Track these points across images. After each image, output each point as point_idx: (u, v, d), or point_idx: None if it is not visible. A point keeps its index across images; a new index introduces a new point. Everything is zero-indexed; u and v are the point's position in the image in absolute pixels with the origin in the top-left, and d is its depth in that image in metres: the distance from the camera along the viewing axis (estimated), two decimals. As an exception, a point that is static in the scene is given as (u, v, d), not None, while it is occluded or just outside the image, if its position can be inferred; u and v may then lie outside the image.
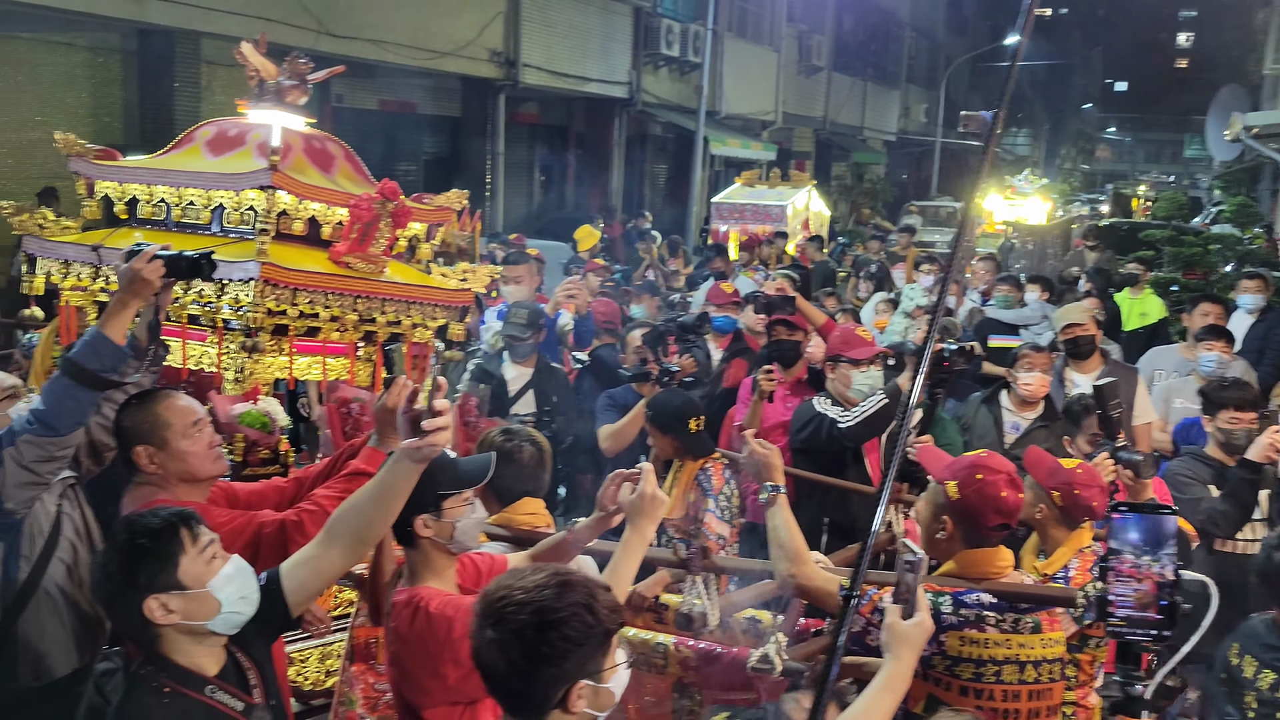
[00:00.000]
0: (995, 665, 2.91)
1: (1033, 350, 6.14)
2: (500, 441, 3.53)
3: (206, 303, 4.04)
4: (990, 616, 2.94)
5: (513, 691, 2.16)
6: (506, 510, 3.53)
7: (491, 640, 2.14)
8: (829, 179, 32.79)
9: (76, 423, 3.27)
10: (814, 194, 18.39)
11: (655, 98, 24.25)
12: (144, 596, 2.45)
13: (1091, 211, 28.64)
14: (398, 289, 4.46)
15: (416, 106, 20.31)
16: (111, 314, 3.30)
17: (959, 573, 3.07)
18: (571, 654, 2.12)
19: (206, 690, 2.50)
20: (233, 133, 4.52)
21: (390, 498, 2.64)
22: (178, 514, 2.58)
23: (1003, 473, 3.06)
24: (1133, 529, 2.10)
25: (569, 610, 2.14)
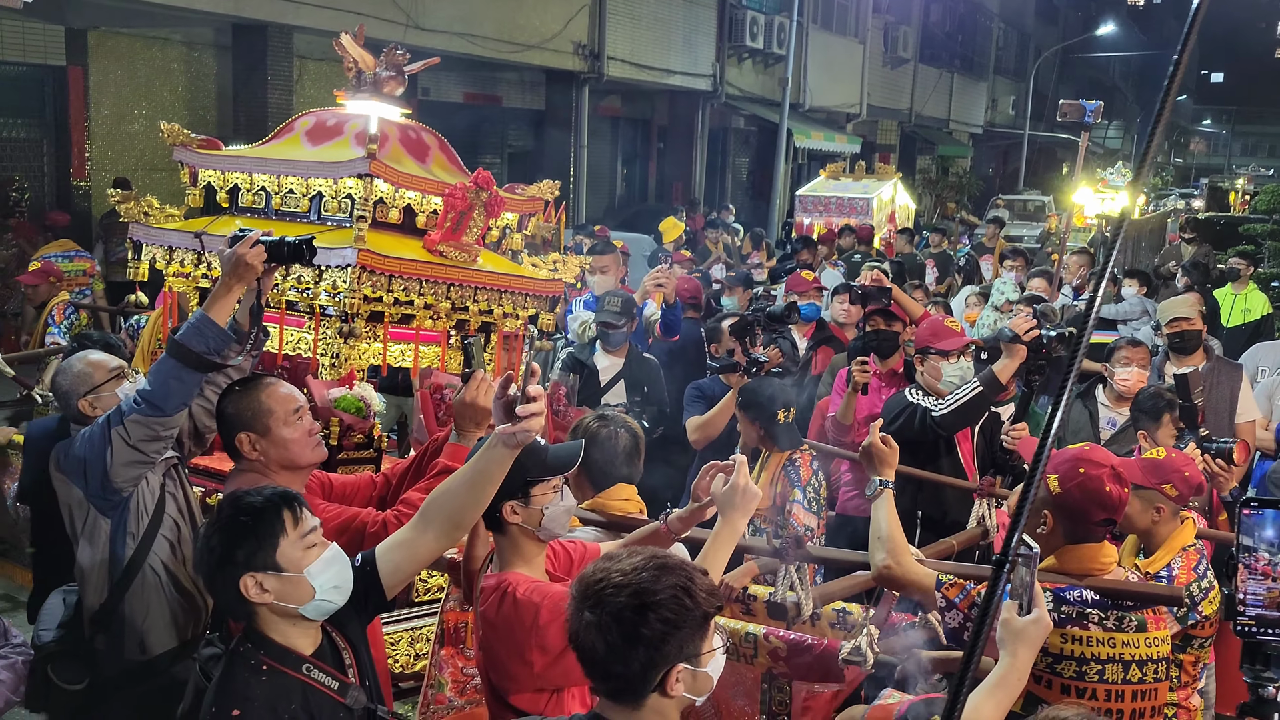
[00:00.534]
0: (1098, 664, 2.86)
1: (1129, 345, 5.99)
2: (595, 428, 3.53)
3: (304, 289, 4.11)
4: (1093, 614, 2.88)
5: (611, 674, 2.15)
6: (600, 496, 3.53)
7: (590, 623, 2.14)
8: (914, 172, 32.39)
9: (181, 403, 3.34)
10: (900, 187, 18.20)
11: (739, 90, 24.15)
12: (241, 573, 2.49)
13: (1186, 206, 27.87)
14: (490, 278, 4.50)
15: (501, 99, 20.49)
16: (216, 298, 3.36)
17: (1060, 568, 3.01)
18: (670, 636, 2.11)
19: (304, 669, 2.53)
20: (331, 123, 4.59)
21: (483, 482, 2.65)
22: (282, 495, 2.61)
23: (1106, 466, 3.00)
24: (1267, 525, 2.03)
25: (667, 592, 2.13)
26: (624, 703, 2.17)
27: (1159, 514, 3.75)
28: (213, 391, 3.63)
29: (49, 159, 13.51)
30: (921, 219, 24.87)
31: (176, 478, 3.62)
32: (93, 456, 3.34)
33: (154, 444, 3.35)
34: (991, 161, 41.71)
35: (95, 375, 3.74)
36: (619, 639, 2.10)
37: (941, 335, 5.30)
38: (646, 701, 2.15)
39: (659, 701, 2.16)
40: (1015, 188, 35.16)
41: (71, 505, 3.47)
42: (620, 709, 2.18)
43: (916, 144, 34.86)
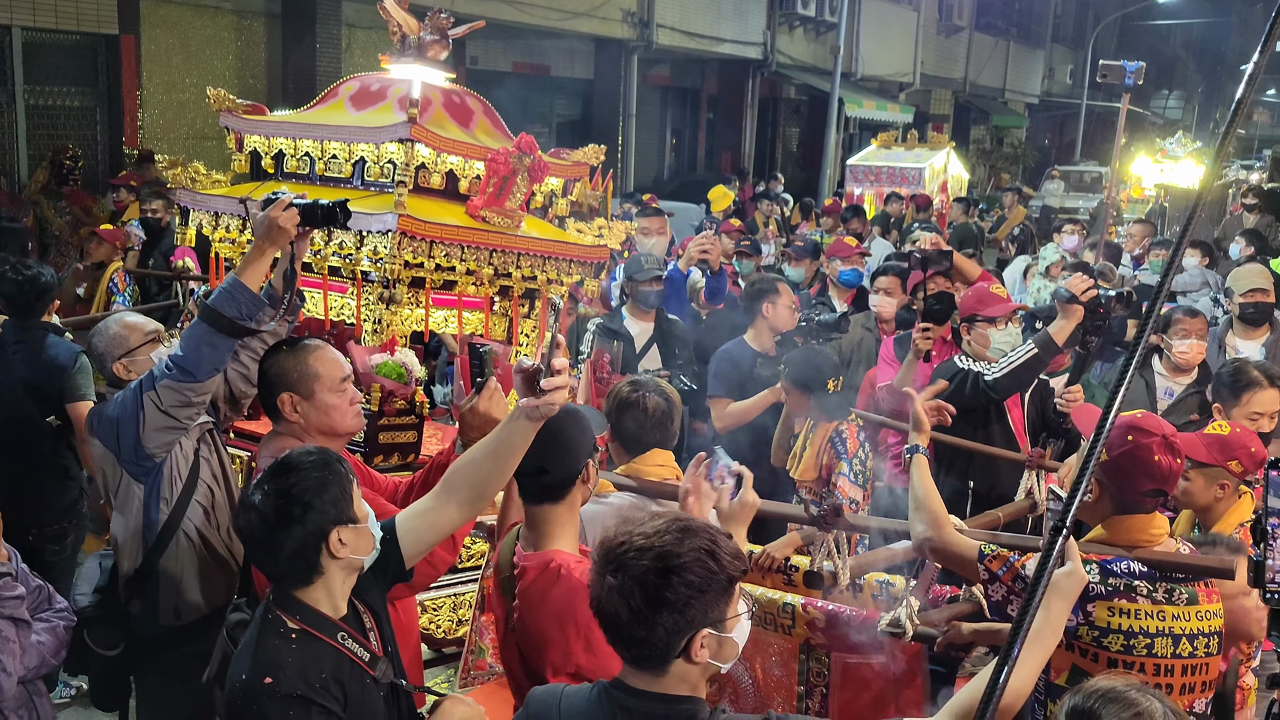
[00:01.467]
0: (1146, 638, 2.78)
1: (1187, 315, 5.86)
2: (627, 393, 3.50)
3: (346, 255, 4.10)
4: (1141, 586, 2.80)
5: (635, 640, 2.10)
6: (635, 461, 3.49)
7: (612, 587, 2.09)
8: (967, 142, 31.92)
9: (214, 369, 3.31)
10: (952, 157, 17.94)
11: (790, 59, 23.88)
12: (330, 527, 2.46)
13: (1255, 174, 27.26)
14: (533, 244, 4.46)
15: (550, 68, 20.40)
16: (249, 262, 3.33)
17: (1108, 539, 2.93)
18: (694, 600, 2.06)
19: (338, 636, 2.51)
20: (375, 88, 4.57)
21: (507, 453, 2.60)
22: (334, 453, 2.60)
23: (1158, 435, 2.90)
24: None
25: (691, 555, 2.08)
26: (648, 669, 2.14)
27: (1222, 490, 3.66)
28: (249, 357, 3.62)
29: (102, 127, 13.60)
30: (975, 190, 24.51)
31: (211, 443, 3.60)
32: (125, 421, 3.32)
33: (186, 410, 3.33)
34: (1048, 132, 41.00)
35: (130, 338, 3.73)
36: (641, 603, 2.06)
37: (988, 302, 5.19)
38: (671, 668, 2.11)
39: (684, 668, 2.11)
40: (1072, 158, 34.53)
41: (105, 469, 3.47)
42: (644, 676, 2.14)
43: (971, 114, 34.33)
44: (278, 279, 3.50)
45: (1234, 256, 10.38)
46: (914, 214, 14.45)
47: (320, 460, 2.54)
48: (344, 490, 2.51)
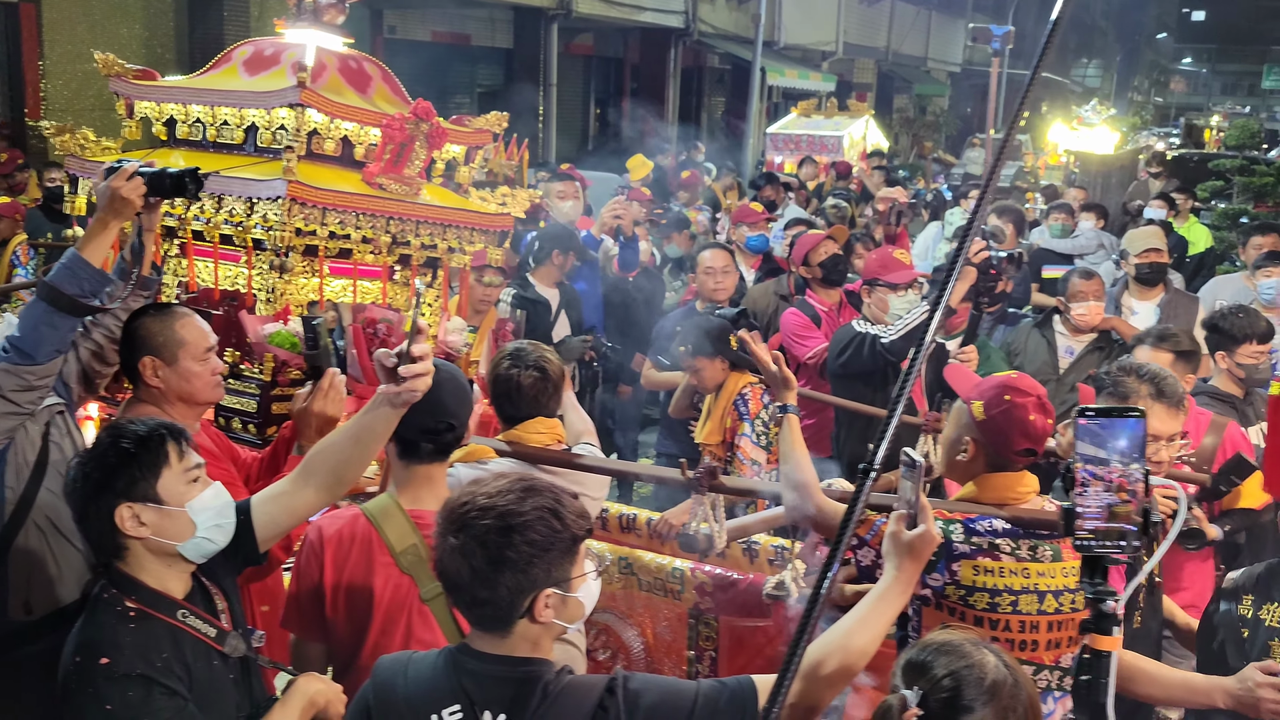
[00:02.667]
0: (1011, 595, 2.80)
1: (1083, 278, 6.02)
2: (505, 368, 3.53)
3: (237, 223, 4.02)
4: (1004, 544, 2.82)
5: (478, 601, 2.10)
6: (516, 428, 3.51)
7: (454, 547, 2.08)
8: (890, 111, 32.18)
9: (55, 350, 3.12)
10: (871, 124, 18.10)
11: (712, 28, 23.87)
12: (118, 503, 2.39)
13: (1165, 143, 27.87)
14: (433, 211, 4.40)
15: (470, 38, 20.20)
16: (90, 235, 3.16)
17: (976, 497, 2.96)
18: (537, 560, 2.06)
19: (179, 615, 2.44)
20: (269, 52, 4.46)
21: (369, 439, 2.57)
22: (168, 426, 2.51)
23: (1033, 395, 2.94)
24: (1100, 435, 1.98)
25: (534, 514, 2.08)
26: (492, 630, 2.13)
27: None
28: (102, 335, 3.43)
29: (2, 99, 13.25)
30: (898, 159, 24.74)
31: (63, 426, 3.37)
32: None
33: (27, 394, 3.11)
34: (970, 100, 41.47)
35: None
36: (484, 563, 2.06)
37: (890, 267, 5.25)
38: (515, 628, 2.11)
39: (528, 628, 2.11)
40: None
41: None
42: (489, 638, 2.14)
43: (894, 83, 34.62)
44: (127, 253, 3.32)
45: (1149, 216, 10.63)
46: (833, 181, 14.56)
47: (135, 434, 2.46)
48: (148, 468, 2.43)
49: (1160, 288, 6.50)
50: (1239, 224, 11.72)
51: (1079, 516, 2.00)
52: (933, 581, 2.82)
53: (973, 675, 1.98)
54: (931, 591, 2.85)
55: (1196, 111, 43.58)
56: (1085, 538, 2.00)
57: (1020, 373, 3.22)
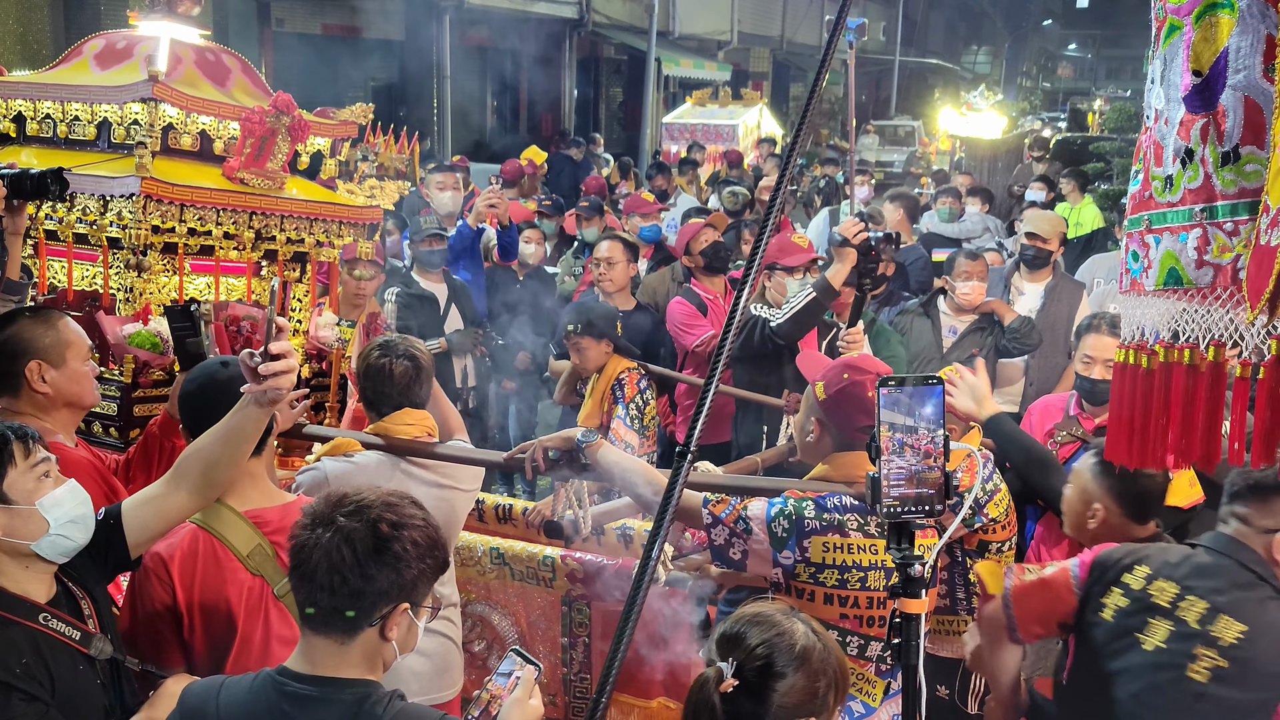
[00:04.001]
0: (860, 571, 2.82)
1: (968, 258, 6.14)
2: (375, 357, 3.51)
3: (91, 221, 3.92)
4: (851, 520, 2.85)
5: (338, 593, 2.04)
6: (384, 420, 3.48)
7: (340, 528, 2.05)
8: (787, 99, 32.52)
9: None
10: (765, 113, 18.28)
11: (606, 18, 23.85)
12: None
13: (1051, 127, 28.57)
14: (298, 205, 4.35)
15: (361, 30, 19.90)
16: None
17: (827, 476, 3.00)
18: (414, 564, 2.07)
19: (40, 618, 2.37)
20: (121, 45, 4.36)
21: (239, 439, 2.54)
22: (11, 427, 2.44)
23: (871, 373, 2.97)
24: (894, 404, 2.05)
25: (421, 521, 2.11)
26: (333, 634, 2.07)
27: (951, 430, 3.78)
28: None
29: None
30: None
31: None
32: None
33: None
34: (864, 88, 42.02)
35: None
36: (370, 549, 2.04)
37: (788, 251, 5.30)
38: (360, 636, 2.07)
39: (372, 640, 2.08)
40: (887, 113, 35.57)
41: None
42: (325, 644, 2.08)
43: (790, 71, 34.94)
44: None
45: (1030, 199, 10.91)
46: (726, 170, 14.68)
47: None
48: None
49: (1048, 271, 6.64)
50: (1119, 205, 12.07)
51: (885, 483, 2.06)
52: (784, 560, 2.85)
53: (783, 643, 2.04)
54: (782, 571, 2.87)
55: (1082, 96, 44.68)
56: (891, 504, 2.05)
57: (864, 354, 3.28)
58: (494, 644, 3.84)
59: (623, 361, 4.99)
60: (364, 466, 3.32)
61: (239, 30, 4.27)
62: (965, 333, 6.05)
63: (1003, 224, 9.60)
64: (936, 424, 2.05)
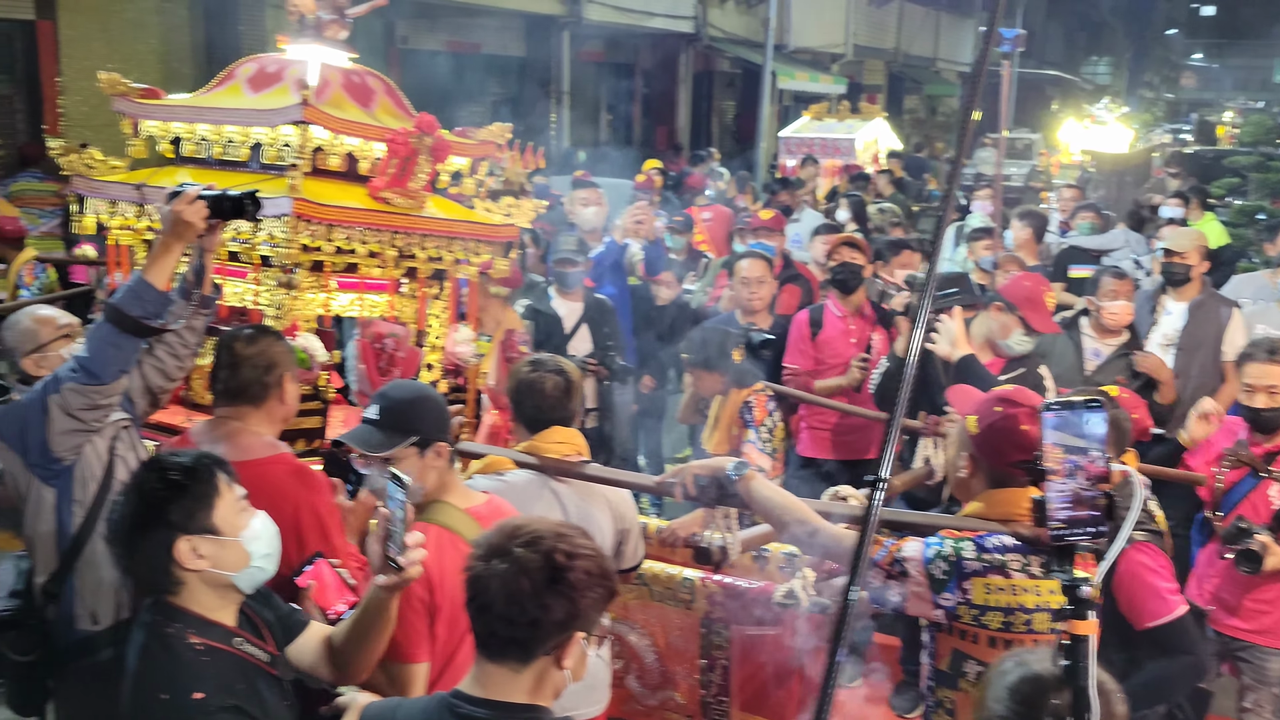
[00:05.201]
0: (1025, 613, 2.73)
1: (1115, 277, 5.90)
2: (526, 373, 3.53)
3: (244, 239, 4.05)
4: (1014, 560, 2.76)
5: (514, 621, 2.04)
6: (535, 438, 3.51)
7: (517, 558, 2.05)
8: (901, 112, 32.13)
9: (120, 370, 3.24)
10: (885, 127, 18.06)
11: (721, 32, 23.88)
12: (175, 537, 2.37)
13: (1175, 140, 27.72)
14: (438, 224, 4.43)
15: (481, 46, 20.23)
16: (155, 258, 3.26)
17: (983, 514, 2.90)
18: (588, 593, 2.06)
19: (234, 643, 2.44)
20: (272, 69, 4.50)
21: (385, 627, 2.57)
22: (211, 456, 2.51)
23: (1026, 406, 2.89)
24: (1061, 425, 2.00)
25: (592, 550, 2.11)
26: (508, 661, 2.08)
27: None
28: (166, 352, 3.56)
29: (21, 115, 13.33)
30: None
31: (128, 440, 3.51)
32: (31, 424, 3.25)
33: (93, 412, 3.25)
34: (981, 100, 41.35)
35: (41, 333, 3.63)
36: (543, 580, 2.04)
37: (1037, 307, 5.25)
38: (534, 664, 2.07)
39: (545, 668, 2.08)
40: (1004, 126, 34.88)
41: (15, 472, 3.38)
42: (499, 671, 2.09)
43: (904, 84, 34.54)
44: (190, 274, 3.44)
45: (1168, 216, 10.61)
46: (846, 184, 14.54)
47: (181, 464, 2.45)
48: (202, 497, 2.42)
49: (1193, 288, 6.41)
50: (1255, 220, 11.67)
51: (1050, 506, 2.01)
52: (944, 601, 2.78)
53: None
54: (944, 613, 2.80)
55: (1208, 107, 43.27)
56: (1058, 527, 2.01)
57: (1017, 386, 3.20)
58: (631, 663, 3.85)
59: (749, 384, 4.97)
60: (514, 485, 3.36)
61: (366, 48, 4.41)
62: (1110, 358, 5.77)
63: (1143, 238, 9.33)
64: (1101, 445, 2.00)
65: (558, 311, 6.29)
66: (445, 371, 4.59)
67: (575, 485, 3.45)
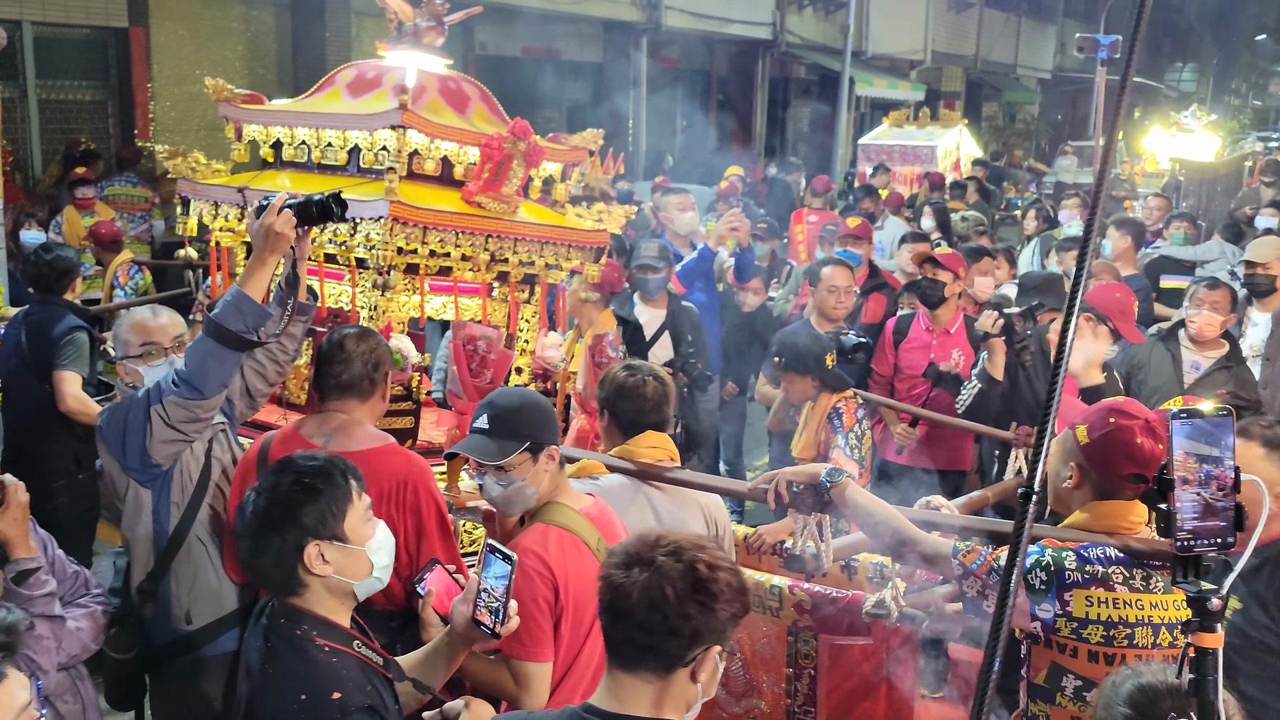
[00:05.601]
0: (1127, 627, 2.67)
1: (1206, 287, 5.75)
2: (624, 378, 3.54)
3: (341, 242, 4.12)
4: (1117, 573, 2.71)
5: (658, 629, 2.00)
6: (629, 443, 3.53)
7: (660, 566, 2.02)
8: (980, 119, 31.74)
9: (221, 384, 3.29)
10: (965, 134, 17.87)
11: (799, 38, 23.79)
12: (305, 541, 2.38)
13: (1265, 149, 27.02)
14: (530, 229, 4.47)
15: (559, 52, 20.36)
16: (251, 272, 3.31)
17: (1087, 524, 2.84)
18: (729, 605, 2.03)
19: (355, 645, 2.45)
20: (371, 75, 4.58)
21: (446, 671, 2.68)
22: (346, 463, 2.53)
23: (1140, 418, 2.85)
24: (1192, 435, 1.96)
25: (731, 565, 2.09)
26: (650, 668, 2.03)
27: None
28: (266, 356, 3.62)
29: (114, 120, 13.69)
30: (987, 167, 24.36)
31: (224, 443, 3.58)
32: (132, 430, 3.32)
33: (193, 424, 3.32)
34: (1061, 107, 40.72)
35: (132, 344, 3.71)
36: (689, 589, 2.00)
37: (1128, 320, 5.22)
38: (674, 675, 2.03)
39: (683, 681, 2.04)
40: (1085, 133, 34.30)
41: (113, 474, 3.45)
42: (634, 683, 2.05)
43: (983, 90, 34.14)
44: (283, 281, 3.51)
45: (1264, 226, 10.37)
46: (926, 192, 14.40)
47: (317, 468, 2.47)
48: (334, 504, 2.43)
49: (1277, 298, 6.26)
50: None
51: (1180, 516, 1.98)
52: (1042, 613, 2.73)
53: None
54: (1041, 625, 2.75)
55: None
56: (1185, 538, 1.97)
57: (1129, 398, 3.14)
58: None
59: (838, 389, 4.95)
60: (608, 489, 3.37)
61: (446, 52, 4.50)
62: (1210, 370, 5.61)
63: (1239, 249, 9.13)
64: (1232, 454, 1.96)
65: (640, 318, 6.31)
66: (534, 376, 4.62)
67: (669, 490, 3.46)
